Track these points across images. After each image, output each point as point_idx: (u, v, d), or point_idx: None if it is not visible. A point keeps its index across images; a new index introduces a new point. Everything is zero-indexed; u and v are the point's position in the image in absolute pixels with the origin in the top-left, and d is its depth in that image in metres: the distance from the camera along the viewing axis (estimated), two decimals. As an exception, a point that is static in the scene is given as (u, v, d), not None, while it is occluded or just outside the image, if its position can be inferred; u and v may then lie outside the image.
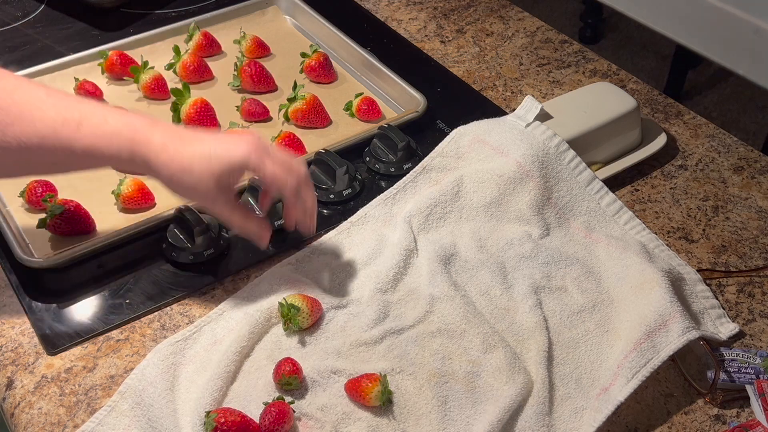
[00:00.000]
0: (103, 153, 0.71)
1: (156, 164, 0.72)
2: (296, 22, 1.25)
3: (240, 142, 0.74)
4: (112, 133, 0.71)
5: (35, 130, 0.69)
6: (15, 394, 0.77)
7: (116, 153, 0.72)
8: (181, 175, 0.73)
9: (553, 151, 0.94)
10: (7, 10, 1.27)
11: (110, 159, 0.73)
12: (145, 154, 0.72)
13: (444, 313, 0.81)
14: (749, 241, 0.94)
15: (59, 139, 0.70)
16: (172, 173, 0.73)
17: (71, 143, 0.70)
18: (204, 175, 0.73)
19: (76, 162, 0.74)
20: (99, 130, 0.71)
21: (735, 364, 0.78)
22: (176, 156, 0.72)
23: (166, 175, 0.73)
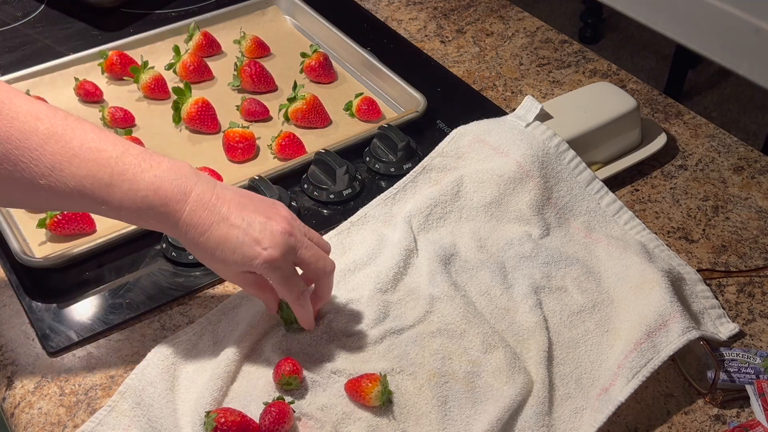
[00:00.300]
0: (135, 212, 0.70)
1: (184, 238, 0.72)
2: (296, 22, 1.25)
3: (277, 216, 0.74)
4: (143, 198, 0.69)
5: (66, 185, 0.67)
6: (15, 394, 0.76)
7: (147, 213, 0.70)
8: (202, 256, 0.73)
9: (553, 151, 0.94)
10: (7, 10, 1.27)
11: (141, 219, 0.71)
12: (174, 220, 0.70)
13: (444, 313, 0.81)
14: (749, 241, 0.94)
15: (91, 197, 0.68)
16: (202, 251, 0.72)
17: (104, 201, 0.68)
18: (223, 266, 0.73)
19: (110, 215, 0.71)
20: (129, 195, 0.69)
21: (735, 364, 0.78)
22: (200, 240, 0.71)
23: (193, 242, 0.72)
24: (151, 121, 1.06)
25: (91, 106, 1.08)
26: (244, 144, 0.99)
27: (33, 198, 0.69)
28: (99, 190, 0.68)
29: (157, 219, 0.70)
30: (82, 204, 0.69)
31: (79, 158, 0.67)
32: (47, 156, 0.66)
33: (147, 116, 1.07)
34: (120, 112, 1.04)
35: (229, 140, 1.00)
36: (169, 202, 0.69)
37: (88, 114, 1.06)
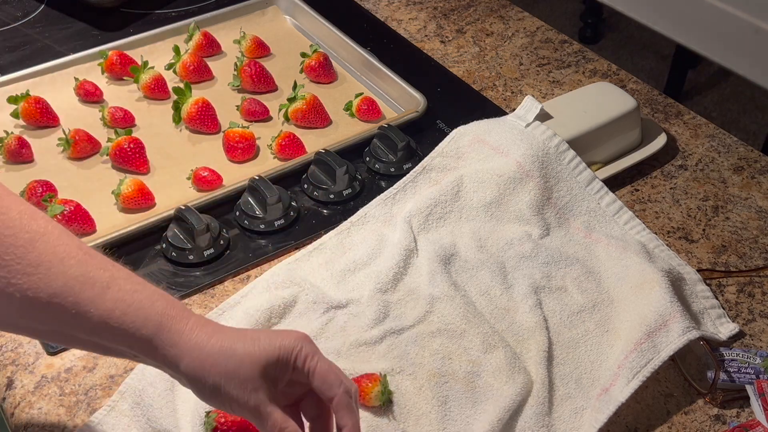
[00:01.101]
0: (124, 323, 0.59)
1: (186, 344, 0.60)
2: (296, 22, 1.25)
3: (293, 331, 0.64)
4: (144, 302, 0.60)
5: (49, 285, 0.57)
6: (15, 394, 0.76)
7: (140, 325, 0.59)
8: (217, 359, 0.60)
9: (553, 151, 0.94)
10: (7, 10, 1.27)
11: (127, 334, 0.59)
12: (177, 331, 0.60)
13: (444, 313, 0.81)
14: (749, 241, 0.94)
15: (76, 299, 0.58)
16: (207, 356, 0.60)
17: (89, 306, 0.58)
18: (247, 359, 0.60)
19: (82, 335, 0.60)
20: (128, 297, 0.59)
21: (735, 364, 0.78)
22: (215, 336, 0.61)
23: (196, 359, 0.60)
24: (151, 121, 1.06)
25: (91, 106, 1.08)
26: (244, 144, 0.99)
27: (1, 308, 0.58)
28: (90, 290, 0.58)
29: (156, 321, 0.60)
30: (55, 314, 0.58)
31: (76, 258, 0.59)
32: (35, 253, 0.57)
33: (147, 116, 1.07)
34: (120, 112, 1.04)
35: (229, 140, 1.00)
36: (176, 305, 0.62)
37: (88, 114, 1.06)
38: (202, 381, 0.60)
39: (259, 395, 0.60)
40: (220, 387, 0.60)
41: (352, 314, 0.82)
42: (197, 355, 0.60)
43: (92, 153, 1.00)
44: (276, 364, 0.61)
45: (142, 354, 0.61)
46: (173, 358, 0.60)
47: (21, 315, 0.58)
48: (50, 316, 0.58)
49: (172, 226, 0.89)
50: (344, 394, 0.62)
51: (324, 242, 0.90)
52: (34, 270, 0.57)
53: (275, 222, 0.92)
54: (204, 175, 0.95)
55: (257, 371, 0.60)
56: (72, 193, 0.94)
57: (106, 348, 0.61)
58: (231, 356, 0.60)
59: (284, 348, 0.62)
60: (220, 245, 0.89)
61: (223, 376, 0.60)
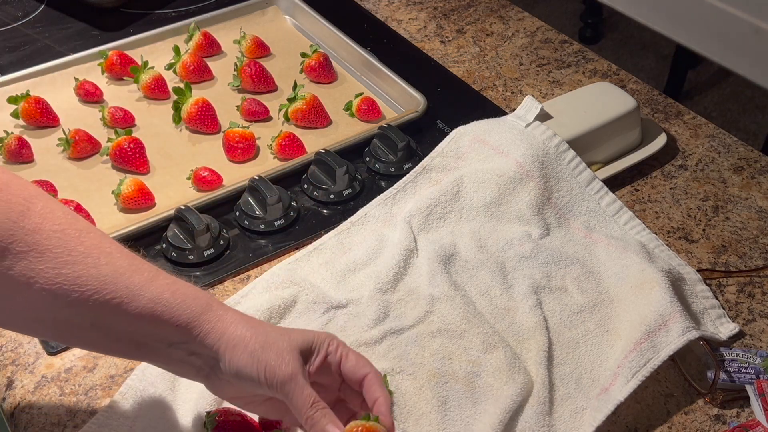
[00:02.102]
0: (166, 314, 0.61)
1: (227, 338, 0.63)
2: (296, 22, 1.25)
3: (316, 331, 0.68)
4: (187, 294, 0.63)
5: (98, 272, 0.59)
6: (15, 394, 0.76)
7: (183, 315, 0.61)
8: (257, 332, 0.64)
9: (553, 151, 0.94)
10: (7, 10, 1.27)
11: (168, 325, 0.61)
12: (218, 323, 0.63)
13: (444, 313, 0.81)
14: (749, 241, 0.94)
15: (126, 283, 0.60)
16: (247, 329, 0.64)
17: (139, 290, 0.60)
18: (286, 349, 0.63)
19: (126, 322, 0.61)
20: (174, 284, 0.63)
21: (735, 364, 0.78)
22: (254, 329, 0.64)
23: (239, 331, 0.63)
24: (151, 121, 1.06)
25: (91, 106, 1.08)
26: (244, 144, 0.99)
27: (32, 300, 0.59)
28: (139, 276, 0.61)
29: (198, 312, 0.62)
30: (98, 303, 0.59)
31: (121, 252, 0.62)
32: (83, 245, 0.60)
33: (147, 116, 1.07)
34: (120, 112, 1.04)
35: (229, 140, 1.00)
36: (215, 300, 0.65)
37: (88, 114, 1.06)
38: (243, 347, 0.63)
39: (295, 366, 0.63)
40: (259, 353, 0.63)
41: (352, 314, 0.82)
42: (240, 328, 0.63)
43: (92, 153, 1.00)
44: (309, 348, 0.65)
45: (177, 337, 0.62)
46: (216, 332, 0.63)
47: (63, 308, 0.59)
48: (94, 307, 0.59)
49: (172, 226, 0.89)
50: (375, 373, 0.66)
51: (324, 242, 0.90)
52: (83, 260, 0.59)
53: (275, 222, 0.92)
54: (204, 175, 0.95)
55: (294, 347, 0.64)
56: (72, 193, 0.94)
57: (140, 343, 0.63)
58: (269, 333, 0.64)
59: (317, 336, 0.66)
60: (220, 245, 0.89)
61: (262, 345, 0.63)
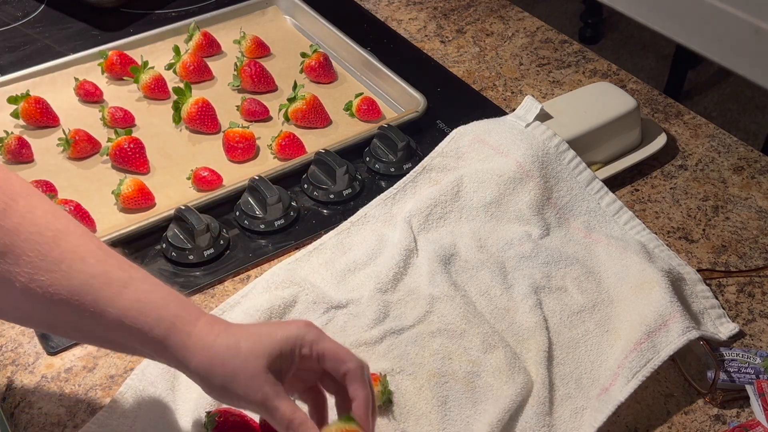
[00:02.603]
0: (138, 322, 0.60)
1: (195, 345, 0.61)
2: (296, 22, 1.25)
3: (296, 321, 0.66)
4: (158, 303, 0.62)
5: (70, 282, 0.59)
6: (15, 394, 0.76)
7: (153, 325, 0.61)
8: (224, 358, 0.61)
9: (553, 151, 0.94)
10: (7, 10, 1.27)
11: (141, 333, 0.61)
12: (187, 333, 0.62)
13: (444, 313, 0.81)
14: (749, 241, 0.94)
15: (95, 296, 0.60)
16: (213, 357, 0.61)
17: (106, 304, 0.60)
18: (251, 356, 0.62)
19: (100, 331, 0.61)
20: (144, 297, 0.61)
21: (735, 364, 0.78)
22: (222, 336, 0.62)
23: (205, 361, 0.61)
24: (151, 121, 1.06)
25: (91, 106, 1.08)
26: (244, 144, 0.99)
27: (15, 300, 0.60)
28: (108, 289, 0.60)
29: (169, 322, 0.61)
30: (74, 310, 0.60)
31: (96, 257, 0.61)
32: (57, 251, 0.59)
33: (147, 116, 1.07)
34: (120, 112, 1.04)
35: (229, 140, 1.00)
36: (189, 308, 0.63)
37: (88, 114, 1.06)
38: (211, 380, 0.62)
39: (265, 390, 0.62)
40: (227, 385, 0.62)
41: (352, 314, 0.82)
42: (205, 355, 0.61)
43: (92, 153, 1.00)
44: (280, 357, 0.63)
45: (154, 353, 0.63)
46: (183, 359, 0.62)
47: (43, 310, 0.60)
48: (70, 312, 0.60)
49: (172, 226, 0.89)
50: (356, 368, 0.64)
51: (324, 242, 0.90)
52: (57, 267, 0.59)
53: (275, 222, 0.92)
54: (204, 175, 0.95)
55: (261, 367, 0.62)
56: (72, 193, 0.94)
57: (121, 345, 0.63)
58: (236, 355, 0.61)
59: (287, 340, 0.63)
60: (220, 245, 0.89)
61: (229, 375, 0.61)
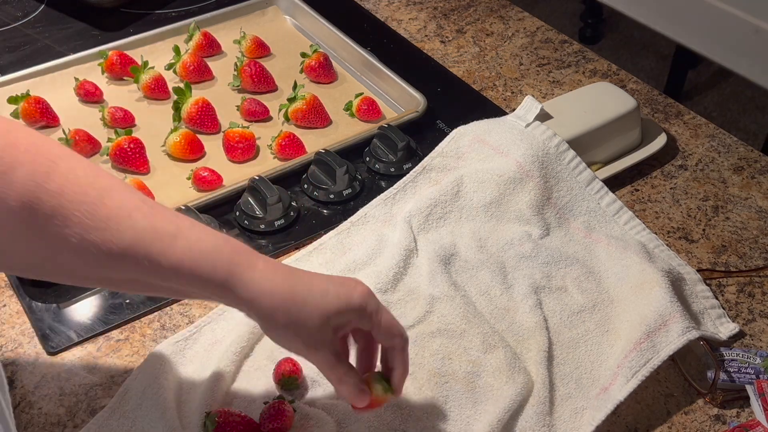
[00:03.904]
0: (194, 271, 0.61)
1: (257, 290, 0.62)
2: (296, 22, 1.25)
3: (357, 285, 0.66)
4: (211, 250, 0.61)
5: (121, 239, 0.59)
6: (15, 394, 0.76)
7: (210, 272, 0.61)
8: (289, 307, 0.62)
9: (553, 151, 0.94)
10: (7, 10, 1.27)
11: (199, 280, 0.61)
12: (246, 277, 0.62)
13: (444, 313, 0.81)
14: (749, 241, 0.94)
15: (147, 251, 0.60)
16: (277, 305, 0.62)
17: (160, 257, 0.60)
18: (316, 312, 0.63)
19: (158, 282, 0.62)
20: (196, 246, 0.61)
21: (735, 364, 0.78)
22: (285, 284, 0.63)
23: (267, 306, 0.62)
24: (151, 121, 1.06)
25: (91, 106, 1.08)
26: (244, 144, 0.99)
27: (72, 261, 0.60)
28: (159, 242, 0.60)
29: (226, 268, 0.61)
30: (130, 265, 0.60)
31: (142, 212, 0.60)
32: (104, 209, 0.59)
33: (147, 116, 1.07)
34: (120, 112, 1.04)
35: (229, 140, 1.00)
36: (242, 251, 0.63)
37: (88, 114, 1.06)
38: (274, 323, 0.63)
39: (326, 347, 0.64)
40: (290, 332, 0.64)
41: (352, 314, 0.82)
42: (269, 300, 0.62)
43: (92, 153, 1.00)
44: (343, 316, 0.64)
45: (217, 297, 0.64)
46: (247, 302, 0.62)
47: (99, 267, 0.61)
48: (126, 267, 0.61)
49: (172, 226, 0.89)
50: (404, 341, 0.67)
51: (324, 242, 0.90)
52: (105, 225, 0.59)
53: (275, 222, 0.92)
54: (204, 175, 0.95)
55: (325, 324, 0.64)
56: (72, 193, 0.94)
57: (183, 292, 0.65)
58: (302, 307, 0.63)
59: (350, 305, 0.64)
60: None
61: (293, 324, 0.63)
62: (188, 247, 0.61)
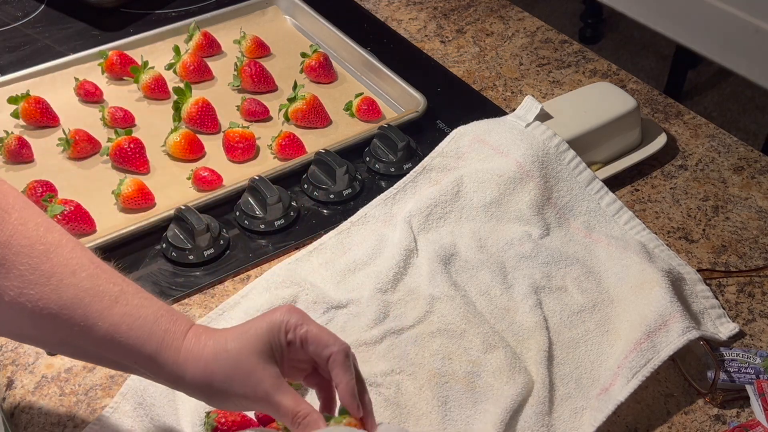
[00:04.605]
0: (128, 340, 0.60)
1: (187, 359, 0.61)
2: (296, 22, 1.25)
3: (275, 309, 0.64)
4: (149, 319, 0.61)
5: (58, 297, 0.58)
6: (15, 394, 0.76)
7: (144, 341, 0.60)
8: (215, 363, 0.61)
9: (553, 151, 0.94)
10: (7, 10, 1.27)
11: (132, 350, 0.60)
12: (176, 348, 0.61)
13: (444, 313, 0.81)
14: (749, 241, 0.94)
15: (85, 311, 0.59)
16: (206, 364, 0.61)
17: (96, 320, 0.59)
18: (242, 353, 0.61)
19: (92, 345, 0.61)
20: (135, 311, 0.60)
21: (735, 364, 0.78)
22: (210, 342, 0.61)
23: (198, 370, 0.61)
24: (151, 121, 1.06)
25: (91, 106, 1.08)
26: (244, 144, 0.99)
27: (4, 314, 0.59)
28: (99, 303, 0.59)
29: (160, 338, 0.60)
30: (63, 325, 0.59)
31: (87, 271, 0.60)
32: (48, 264, 0.59)
33: (147, 116, 1.07)
34: (120, 112, 1.04)
35: (229, 140, 1.00)
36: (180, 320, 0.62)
37: (88, 114, 1.06)
38: (209, 389, 0.61)
39: (265, 386, 0.61)
40: (227, 390, 0.61)
41: (352, 314, 0.82)
42: (197, 366, 0.61)
43: (92, 153, 1.00)
44: (270, 348, 0.62)
45: (148, 371, 0.62)
46: (178, 375, 0.61)
47: (32, 325, 0.59)
48: (60, 327, 0.59)
49: (172, 226, 0.89)
50: (339, 352, 0.62)
51: (324, 242, 0.90)
52: (47, 281, 0.58)
53: (275, 222, 0.92)
54: (204, 175, 0.95)
55: (254, 363, 0.61)
56: (72, 193, 0.94)
57: (115, 362, 0.62)
58: (227, 358, 0.61)
59: (272, 329, 0.62)
60: (220, 245, 0.89)
61: (226, 379, 0.61)
62: (127, 312, 0.60)
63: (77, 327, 0.59)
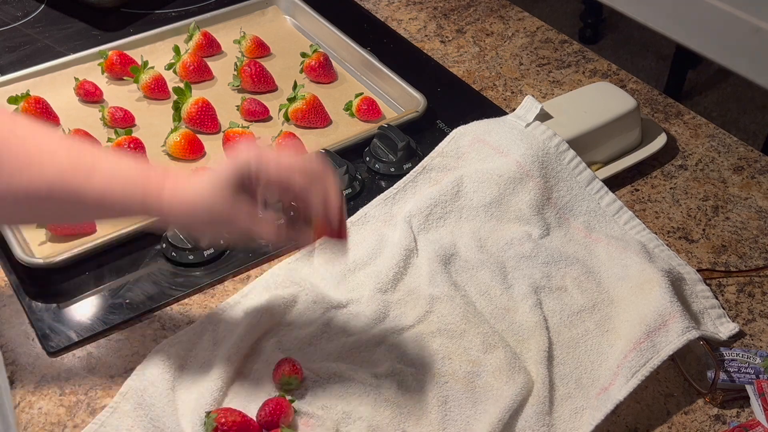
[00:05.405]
0: (114, 202, 0.68)
1: (170, 206, 0.68)
2: (296, 22, 1.25)
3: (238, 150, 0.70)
4: (125, 181, 0.68)
5: (43, 178, 0.65)
6: (15, 394, 0.76)
7: (128, 202, 0.68)
8: (196, 199, 0.68)
9: (553, 151, 0.94)
10: (7, 10, 1.27)
11: (121, 208, 0.69)
12: (158, 199, 0.68)
13: (444, 313, 0.81)
14: (749, 241, 0.94)
15: (69, 187, 0.66)
16: (189, 203, 0.68)
17: (82, 192, 0.66)
18: (217, 192, 0.67)
19: (87, 212, 0.70)
20: (111, 179, 0.67)
21: (735, 364, 0.78)
22: (187, 189, 0.68)
23: (182, 213, 0.68)
24: (151, 121, 1.06)
25: (91, 106, 1.08)
26: (244, 144, 0.99)
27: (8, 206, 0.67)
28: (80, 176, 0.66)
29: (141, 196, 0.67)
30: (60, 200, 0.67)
31: (63, 150, 0.67)
32: (26, 149, 0.66)
33: (147, 116, 1.07)
34: (120, 112, 1.04)
35: (229, 140, 1.00)
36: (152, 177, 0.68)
37: (88, 114, 1.06)
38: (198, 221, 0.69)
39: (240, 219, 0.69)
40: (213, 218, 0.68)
41: (352, 314, 0.82)
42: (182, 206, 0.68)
43: (92, 153, 1.00)
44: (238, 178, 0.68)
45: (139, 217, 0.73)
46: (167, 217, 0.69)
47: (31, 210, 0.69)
48: (55, 205, 0.68)
49: (172, 226, 0.89)
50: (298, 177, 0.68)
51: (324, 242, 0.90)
52: (28, 167, 0.66)
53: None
54: (204, 175, 0.95)
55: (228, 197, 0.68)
56: (72, 193, 0.94)
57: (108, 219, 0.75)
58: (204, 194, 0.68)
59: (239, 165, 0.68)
60: (220, 245, 0.89)
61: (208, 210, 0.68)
62: (104, 180, 0.67)
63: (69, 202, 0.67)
